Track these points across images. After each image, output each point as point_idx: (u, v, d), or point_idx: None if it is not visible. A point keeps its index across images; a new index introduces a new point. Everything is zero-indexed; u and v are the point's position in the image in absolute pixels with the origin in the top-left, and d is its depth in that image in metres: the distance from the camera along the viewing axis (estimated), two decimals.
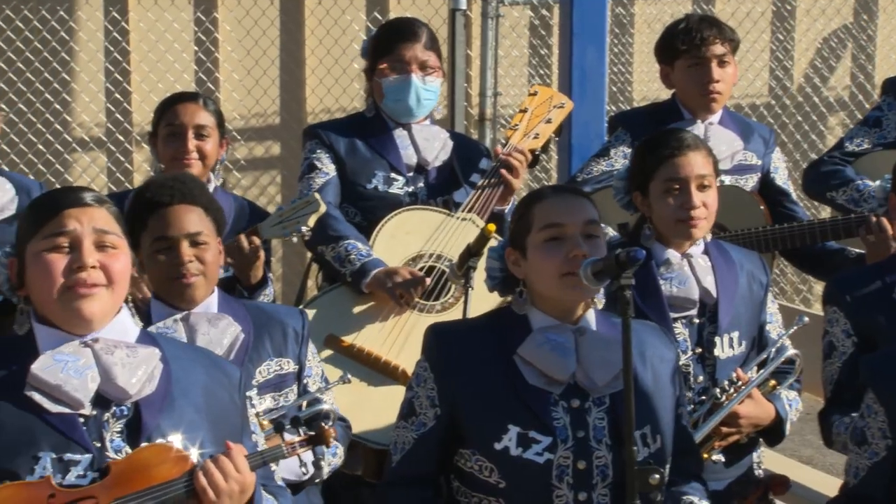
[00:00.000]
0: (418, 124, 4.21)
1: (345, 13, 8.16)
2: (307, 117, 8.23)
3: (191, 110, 4.04)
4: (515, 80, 8.63)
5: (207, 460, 2.47)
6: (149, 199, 3.16)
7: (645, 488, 2.58)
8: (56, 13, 7.51)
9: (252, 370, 3.16)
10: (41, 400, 2.45)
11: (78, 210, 2.51)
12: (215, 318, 3.15)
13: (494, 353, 2.83)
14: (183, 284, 3.11)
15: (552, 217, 2.83)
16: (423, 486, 2.85)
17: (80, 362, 2.48)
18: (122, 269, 2.52)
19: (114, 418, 2.50)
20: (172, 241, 3.11)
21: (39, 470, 2.41)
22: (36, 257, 2.49)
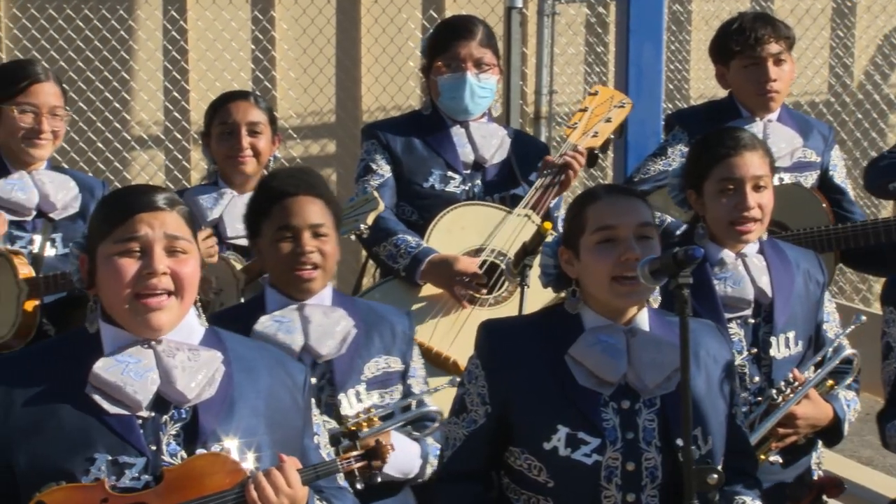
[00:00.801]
0: (476, 122, 4.22)
1: (401, 11, 8.19)
2: (362, 115, 8.26)
3: (243, 108, 4.08)
4: (571, 77, 8.61)
5: (259, 473, 2.47)
6: (274, 188, 3.23)
7: (703, 488, 2.56)
8: (116, 12, 7.60)
9: (361, 366, 3.21)
10: (100, 401, 2.47)
11: (150, 215, 2.51)
12: (329, 310, 3.21)
13: (546, 352, 2.83)
14: (302, 275, 3.17)
15: (605, 219, 2.82)
16: (474, 481, 2.86)
17: (142, 364, 2.50)
18: (191, 275, 2.54)
19: (171, 421, 2.51)
20: (295, 230, 3.18)
21: (94, 471, 2.42)
22: (107, 260, 2.50)
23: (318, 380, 3.16)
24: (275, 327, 3.15)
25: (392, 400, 3.24)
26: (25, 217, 3.98)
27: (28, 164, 4.02)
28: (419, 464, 3.20)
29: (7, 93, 3.96)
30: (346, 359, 3.18)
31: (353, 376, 3.19)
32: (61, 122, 4.03)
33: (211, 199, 4.07)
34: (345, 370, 3.18)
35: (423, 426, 3.27)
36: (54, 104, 3.99)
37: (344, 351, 3.19)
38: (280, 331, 3.14)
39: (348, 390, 3.18)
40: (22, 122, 3.95)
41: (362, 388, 3.20)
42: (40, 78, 3.98)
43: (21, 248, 3.94)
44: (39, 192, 3.98)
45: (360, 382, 3.20)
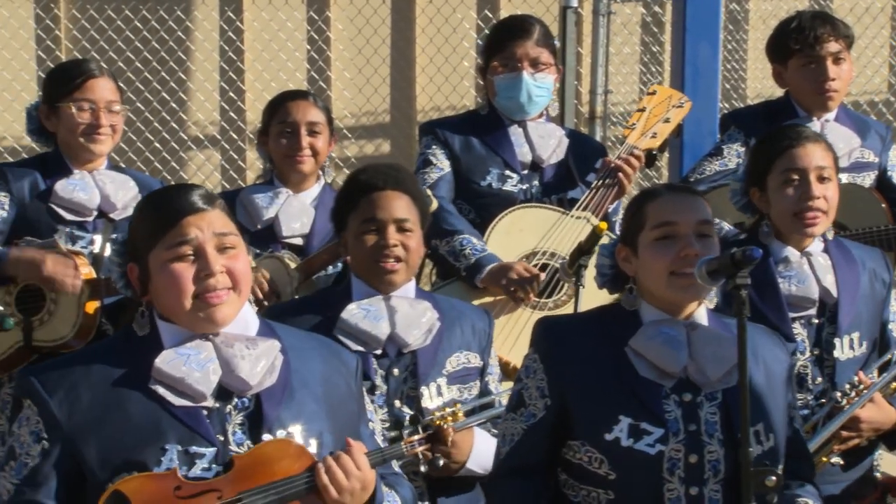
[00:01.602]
0: (533, 122, 4.23)
1: (455, 11, 8.20)
2: (417, 115, 8.29)
3: (303, 107, 4.10)
4: (626, 77, 8.59)
5: (328, 457, 2.51)
6: (363, 181, 3.29)
7: (761, 489, 2.56)
8: (173, 13, 7.67)
9: (443, 359, 3.26)
10: (165, 393, 2.51)
11: (196, 216, 2.54)
12: (415, 301, 3.27)
13: (605, 346, 2.84)
14: (386, 269, 3.22)
15: (665, 215, 2.83)
16: (532, 476, 2.86)
17: (202, 356, 2.54)
18: (244, 268, 2.57)
19: (235, 410, 2.55)
20: (380, 223, 3.24)
21: (166, 462, 2.47)
22: (162, 268, 2.53)
23: (400, 371, 3.21)
24: (361, 314, 3.21)
25: (470, 396, 3.28)
26: (86, 217, 4.02)
27: (88, 160, 4.06)
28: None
29: (64, 90, 4.00)
30: (430, 351, 3.24)
31: (435, 369, 3.24)
32: (119, 118, 4.07)
33: (266, 199, 4.09)
34: (428, 362, 3.23)
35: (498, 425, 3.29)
36: (111, 99, 4.03)
37: (429, 342, 3.24)
38: (367, 318, 3.20)
39: (430, 383, 3.22)
40: (80, 118, 3.99)
41: (443, 381, 3.24)
42: (94, 74, 4.02)
43: (82, 248, 3.98)
44: (100, 192, 4.03)
45: (442, 376, 3.24)
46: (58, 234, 3.95)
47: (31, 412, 2.53)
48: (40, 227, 3.97)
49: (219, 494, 2.46)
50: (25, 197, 4.00)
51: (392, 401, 3.20)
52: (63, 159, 4.06)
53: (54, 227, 3.98)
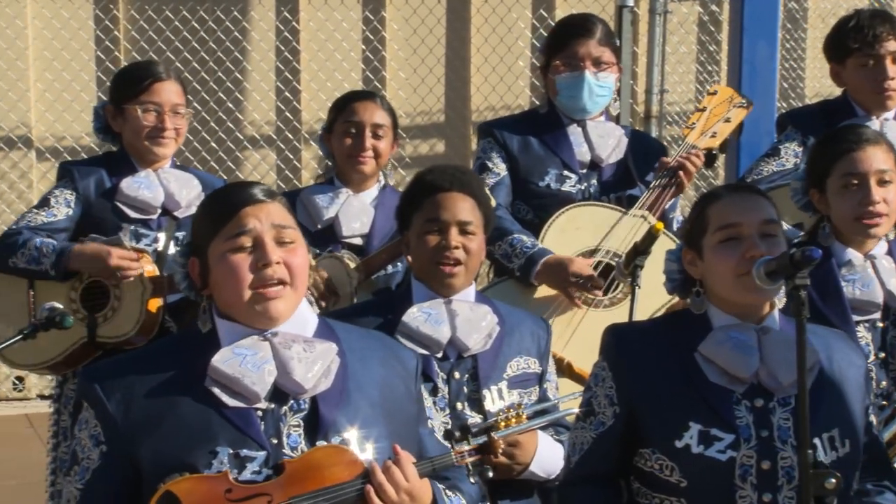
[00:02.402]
0: (593, 121, 4.21)
1: (511, 11, 8.21)
2: (471, 115, 8.30)
3: (369, 109, 4.11)
4: (683, 76, 8.56)
5: (378, 470, 2.49)
6: (428, 181, 3.29)
7: (820, 492, 2.52)
8: (230, 13, 7.74)
9: (504, 363, 3.26)
10: (219, 394, 2.50)
11: (255, 207, 2.54)
12: (475, 305, 3.27)
13: (674, 352, 2.80)
14: (445, 269, 3.24)
15: (728, 217, 2.80)
16: (603, 485, 2.84)
17: (259, 356, 2.52)
18: (301, 263, 2.56)
19: (291, 412, 2.53)
20: (443, 224, 3.24)
21: (217, 465, 2.45)
22: (220, 258, 2.53)
23: (461, 374, 3.22)
24: (422, 318, 3.21)
25: (530, 401, 3.26)
26: (151, 215, 4.05)
27: (153, 161, 4.09)
28: (562, 465, 3.19)
29: (130, 92, 4.03)
30: (491, 355, 3.24)
31: (496, 372, 3.24)
32: (183, 120, 4.10)
33: (327, 199, 4.10)
34: (489, 366, 3.23)
35: (559, 431, 3.29)
36: (176, 102, 4.06)
37: (489, 347, 3.24)
38: (428, 321, 3.20)
39: (491, 386, 3.22)
40: (145, 120, 4.02)
41: (504, 385, 3.24)
42: (161, 77, 4.06)
43: (146, 246, 4.01)
44: (165, 190, 4.05)
45: (503, 380, 3.24)
46: (122, 232, 3.97)
47: (89, 415, 2.53)
48: (106, 225, 4.00)
49: (269, 499, 2.45)
50: (91, 195, 4.04)
51: (454, 403, 3.21)
52: (129, 158, 4.09)
53: (119, 225, 4.00)
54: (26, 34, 7.50)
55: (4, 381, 7.53)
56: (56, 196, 4.06)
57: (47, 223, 4.00)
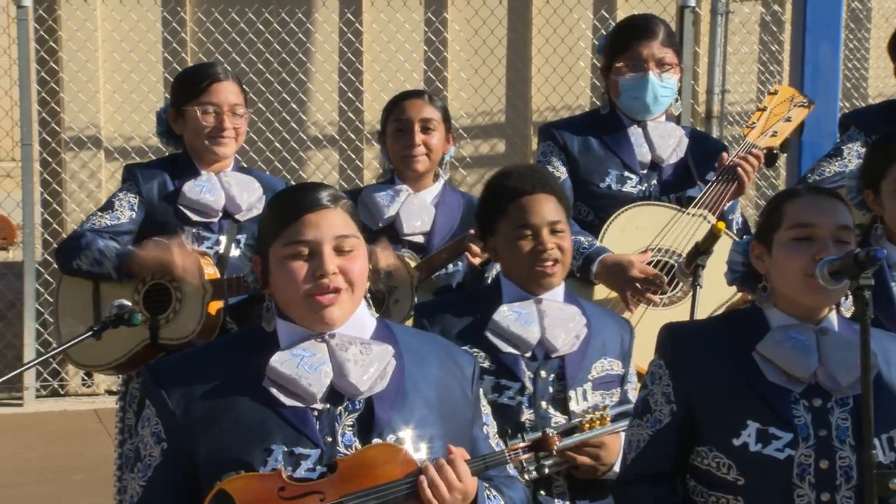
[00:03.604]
0: (654, 121, 4.18)
1: (572, 12, 8.18)
2: (532, 115, 8.28)
3: (417, 105, 4.10)
4: (744, 77, 8.48)
5: (431, 469, 2.49)
6: (510, 186, 3.28)
7: (884, 493, 2.49)
8: (294, 15, 7.78)
9: (589, 365, 3.25)
10: (277, 393, 2.51)
11: (316, 215, 2.54)
12: (564, 305, 3.26)
13: (731, 351, 2.78)
14: (546, 272, 3.23)
15: (803, 216, 2.77)
16: (659, 483, 2.82)
17: (316, 357, 2.53)
18: (360, 270, 2.56)
19: (346, 412, 2.54)
20: (535, 228, 3.23)
21: (272, 462, 2.46)
22: (279, 263, 2.54)
23: (547, 374, 3.21)
24: (513, 318, 3.21)
25: (612, 402, 3.25)
26: (212, 219, 4.05)
27: (213, 162, 4.09)
28: None
29: (189, 94, 4.04)
30: (578, 356, 3.23)
31: (582, 373, 3.23)
32: (242, 121, 4.09)
33: (388, 197, 4.10)
34: (576, 367, 3.22)
35: None
36: (234, 102, 4.06)
37: (576, 347, 3.23)
38: (518, 321, 3.20)
39: (577, 387, 3.21)
40: (205, 121, 4.02)
41: (589, 386, 3.23)
42: (220, 77, 4.05)
43: (207, 248, 4.02)
44: (226, 193, 4.06)
45: (588, 381, 3.23)
46: (184, 235, 3.99)
47: (150, 412, 2.56)
48: (168, 228, 4.01)
49: (321, 496, 2.45)
50: (154, 198, 4.05)
51: (539, 402, 3.19)
52: (191, 161, 4.10)
53: (181, 227, 4.01)
54: (96, 37, 7.58)
55: (74, 377, 7.61)
56: (120, 199, 4.08)
57: (111, 226, 4.02)
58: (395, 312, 3.82)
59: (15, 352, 7.48)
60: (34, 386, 7.47)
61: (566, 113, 7.79)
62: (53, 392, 7.61)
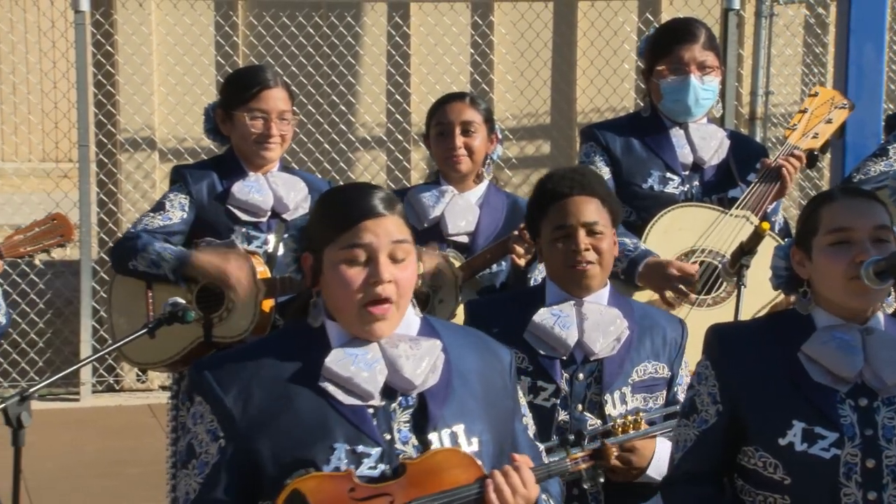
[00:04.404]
0: (695, 123, 4.16)
1: (617, 15, 8.14)
2: (577, 117, 8.26)
3: (457, 108, 4.10)
4: (788, 79, 8.41)
5: (497, 474, 2.49)
6: (550, 189, 3.28)
7: None
8: (344, 19, 7.79)
9: (630, 368, 3.21)
10: (335, 391, 2.51)
11: (374, 222, 2.52)
12: (606, 308, 3.23)
13: (777, 352, 2.76)
14: (579, 272, 3.20)
15: (840, 220, 2.74)
16: (706, 482, 2.81)
17: (369, 356, 2.53)
18: (410, 278, 2.55)
19: (400, 408, 2.54)
20: (570, 229, 3.21)
21: (335, 460, 2.46)
22: (334, 267, 2.53)
23: (585, 377, 3.19)
24: (552, 320, 3.19)
25: (655, 405, 3.22)
26: (261, 218, 4.08)
27: (260, 165, 4.12)
28: None
29: (238, 99, 4.05)
30: (617, 359, 3.19)
31: (620, 377, 3.19)
32: (289, 126, 4.10)
33: (433, 198, 4.10)
34: (614, 371, 3.19)
35: None
36: (282, 109, 4.07)
37: (616, 351, 3.20)
38: (557, 324, 3.18)
39: (614, 391, 3.18)
40: (253, 127, 4.04)
41: (628, 390, 3.19)
42: (269, 84, 4.06)
43: (257, 248, 4.04)
44: (274, 193, 4.08)
45: (627, 384, 3.20)
46: (234, 235, 4.03)
47: (204, 409, 2.53)
48: (218, 228, 4.04)
49: (391, 499, 2.45)
50: (204, 199, 4.08)
51: (574, 405, 3.18)
52: (238, 162, 4.12)
53: (231, 227, 4.05)
54: (151, 40, 7.64)
55: (128, 373, 7.67)
56: (171, 200, 4.10)
57: (163, 226, 4.05)
58: (440, 312, 3.82)
59: (72, 348, 7.55)
60: (90, 381, 7.54)
61: (610, 114, 7.75)
62: (109, 387, 7.67)
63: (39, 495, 5.75)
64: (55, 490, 5.91)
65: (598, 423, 3.15)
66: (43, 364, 7.49)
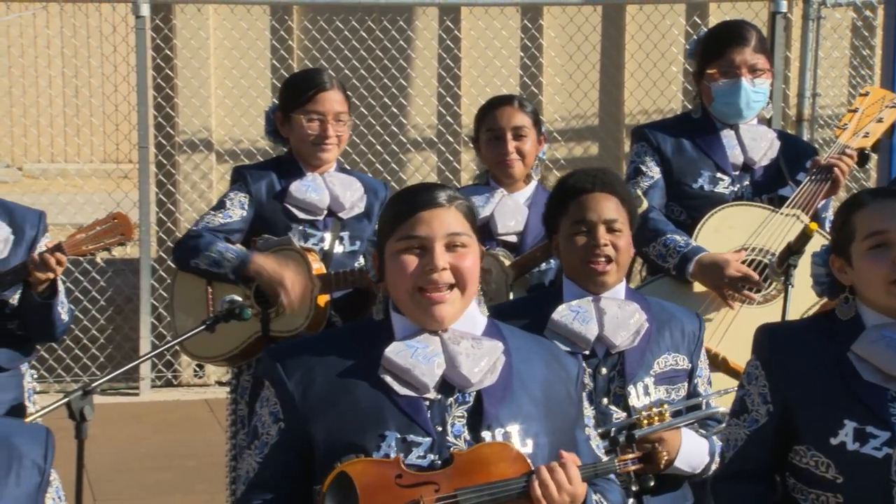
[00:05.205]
0: (746, 124, 4.12)
1: (665, 18, 8.09)
2: (625, 118, 8.21)
3: (507, 113, 4.10)
4: (835, 81, 8.32)
5: (543, 469, 2.48)
6: (571, 185, 3.26)
7: None
8: (396, 23, 7.80)
9: (651, 360, 3.20)
10: (391, 382, 2.53)
11: (430, 213, 2.54)
12: (624, 303, 3.21)
13: (827, 351, 2.72)
14: (597, 270, 3.19)
15: (875, 224, 2.69)
16: (756, 481, 2.78)
17: (429, 349, 2.54)
18: (471, 267, 2.56)
19: (456, 404, 2.55)
20: (590, 224, 3.20)
21: (385, 448, 2.48)
22: (393, 257, 2.56)
23: (608, 370, 3.17)
24: (571, 316, 3.17)
25: (678, 397, 3.20)
26: (317, 217, 4.11)
27: (318, 166, 4.15)
28: (707, 461, 3.15)
29: (297, 101, 4.08)
30: (638, 352, 3.17)
31: (642, 369, 3.18)
32: (345, 128, 4.13)
33: (483, 198, 4.10)
34: (636, 362, 3.17)
35: (707, 425, 3.22)
36: (338, 111, 4.09)
37: (636, 343, 3.18)
38: (576, 320, 3.16)
39: (637, 383, 3.16)
40: (309, 128, 4.07)
41: (650, 381, 3.18)
42: (326, 87, 4.09)
43: (313, 245, 4.08)
44: (330, 193, 4.11)
45: (649, 376, 3.18)
46: (291, 233, 4.07)
47: (269, 393, 2.58)
48: (276, 226, 4.09)
49: (436, 487, 2.45)
50: (263, 197, 4.12)
51: (599, 398, 3.16)
52: (296, 162, 4.15)
53: (289, 225, 4.09)
54: (208, 44, 7.68)
55: (186, 369, 7.72)
56: (231, 199, 4.14)
57: (223, 224, 4.09)
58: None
59: (132, 344, 7.61)
60: (150, 376, 7.59)
61: (658, 116, 7.70)
62: (167, 382, 7.72)
63: (100, 486, 5.80)
64: (114, 481, 5.96)
65: (624, 415, 3.13)
66: (104, 359, 7.55)
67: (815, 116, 7.97)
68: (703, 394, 3.23)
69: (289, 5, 7.69)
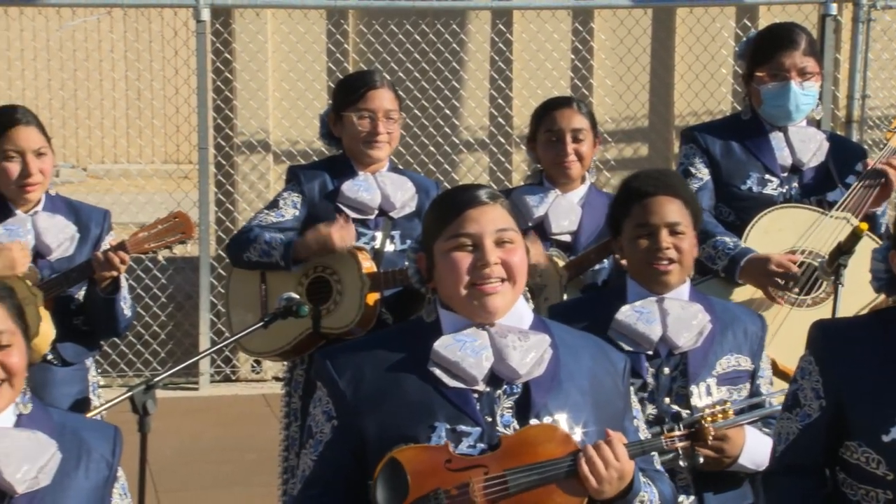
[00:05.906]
0: (795, 126, 4.08)
1: (715, 21, 8.03)
2: (674, 120, 8.17)
3: (567, 115, 4.07)
4: (885, 82, 8.22)
5: (589, 446, 2.49)
6: (635, 188, 3.24)
7: None
8: (449, 27, 7.80)
9: (713, 361, 3.17)
10: (441, 375, 2.54)
11: (477, 210, 2.56)
12: (687, 304, 3.20)
13: (881, 348, 2.67)
14: (659, 270, 3.17)
15: None
16: (807, 475, 2.75)
17: (477, 343, 2.56)
18: (520, 262, 2.58)
19: (504, 395, 2.56)
20: (653, 227, 3.17)
21: (435, 438, 2.49)
22: (444, 256, 2.57)
23: (671, 370, 3.15)
24: (635, 317, 3.16)
25: (740, 397, 3.17)
26: (369, 216, 4.10)
27: (369, 164, 4.14)
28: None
29: (347, 100, 4.08)
30: (701, 352, 3.15)
31: (705, 369, 3.15)
32: (396, 126, 4.12)
33: (537, 198, 4.08)
34: (698, 363, 3.15)
35: (769, 424, 3.18)
36: (389, 108, 4.08)
37: (699, 344, 3.16)
38: (640, 321, 3.14)
39: (700, 383, 3.14)
40: (361, 126, 4.06)
41: (713, 382, 3.15)
42: (376, 84, 4.08)
43: (364, 244, 4.07)
44: (381, 192, 4.10)
45: (712, 376, 3.16)
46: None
47: (322, 393, 2.60)
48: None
49: (485, 470, 2.46)
50: (315, 197, 4.12)
51: (661, 398, 3.13)
52: (349, 162, 4.15)
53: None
54: (266, 48, 7.72)
55: (244, 364, 7.77)
56: (284, 198, 4.15)
57: (276, 223, 4.10)
58: (546, 311, 3.79)
59: (191, 340, 7.67)
60: (208, 372, 7.65)
61: (707, 118, 7.64)
62: (226, 378, 7.78)
63: (161, 478, 5.84)
64: (176, 474, 6.01)
65: (686, 414, 3.10)
66: (164, 355, 7.62)
67: (864, 118, 7.87)
68: (765, 393, 3.20)
69: (344, 9, 7.71)
